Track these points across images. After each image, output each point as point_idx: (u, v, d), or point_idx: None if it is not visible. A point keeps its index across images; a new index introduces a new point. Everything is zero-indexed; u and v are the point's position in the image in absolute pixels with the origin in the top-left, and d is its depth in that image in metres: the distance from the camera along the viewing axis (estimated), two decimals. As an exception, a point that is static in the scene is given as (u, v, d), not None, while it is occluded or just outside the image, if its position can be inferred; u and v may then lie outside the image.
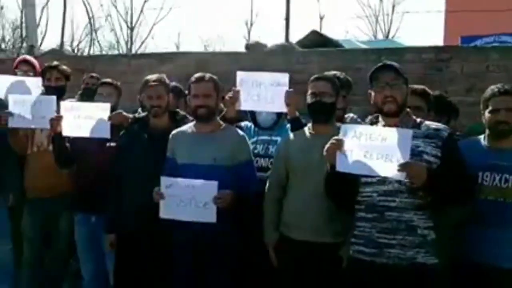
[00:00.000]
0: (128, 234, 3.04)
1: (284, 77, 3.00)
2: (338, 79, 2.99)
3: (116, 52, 22.26)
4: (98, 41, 22.24)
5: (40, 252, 3.63)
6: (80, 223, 3.40)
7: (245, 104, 3.05)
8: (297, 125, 2.93)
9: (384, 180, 2.26)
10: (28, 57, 4.23)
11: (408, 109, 2.40)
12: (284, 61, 4.83)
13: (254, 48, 5.25)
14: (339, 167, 2.26)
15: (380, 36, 23.17)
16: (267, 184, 2.87)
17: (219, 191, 2.68)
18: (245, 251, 2.88)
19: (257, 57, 5.00)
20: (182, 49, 23.99)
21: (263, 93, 2.99)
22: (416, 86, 2.83)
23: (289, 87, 2.98)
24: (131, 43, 24.33)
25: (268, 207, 2.84)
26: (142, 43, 24.87)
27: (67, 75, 3.75)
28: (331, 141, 2.29)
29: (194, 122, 2.94)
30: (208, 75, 2.90)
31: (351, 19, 32.27)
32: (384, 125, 2.34)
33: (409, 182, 2.17)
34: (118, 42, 24.66)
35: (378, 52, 4.71)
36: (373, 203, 2.29)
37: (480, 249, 2.46)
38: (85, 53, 19.33)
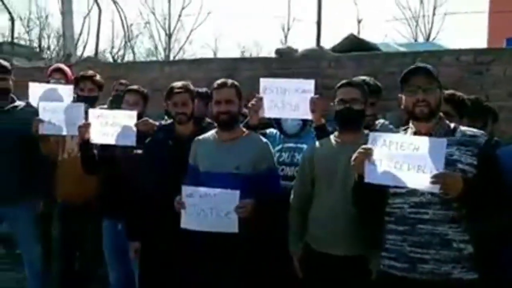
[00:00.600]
0: (152, 241, 3.03)
1: (309, 84, 2.92)
2: (367, 85, 2.87)
3: (154, 59, 22.65)
4: (132, 49, 22.69)
5: (69, 256, 3.69)
6: (107, 230, 3.43)
7: (269, 111, 2.98)
8: (323, 133, 2.84)
9: (414, 192, 2.13)
10: (60, 65, 4.32)
11: (441, 114, 2.26)
12: (315, 66, 4.73)
13: (285, 53, 5.17)
14: (368, 178, 2.13)
15: (420, 39, 22.57)
16: (292, 194, 2.79)
17: (241, 201, 2.61)
18: (268, 260, 2.81)
19: (288, 62, 4.93)
20: (219, 55, 24.25)
21: (288, 100, 2.93)
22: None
23: (315, 93, 2.90)
24: (169, 50, 24.75)
25: (293, 218, 2.76)
26: (180, 49, 25.29)
27: (100, 85, 3.80)
28: (359, 150, 2.17)
29: (216, 129, 2.90)
30: (230, 81, 2.85)
31: (390, 22, 31.56)
32: (415, 131, 2.21)
33: (443, 193, 2.02)
34: (156, 49, 25.19)
35: (414, 55, 4.53)
36: (403, 215, 2.16)
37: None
38: (125, 60, 19.80)
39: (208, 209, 2.67)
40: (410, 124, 2.28)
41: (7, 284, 4.24)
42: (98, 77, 3.79)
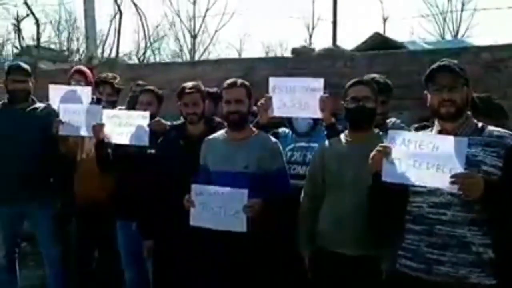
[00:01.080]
0: (165, 240, 3.07)
1: (319, 82, 2.92)
2: (377, 83, 2.85)
3: (179, 60, 22.88)
4: (153, 51, 22.93)
5: (88, 254, 3.76)
6: (121, 230, 3.49)
7: (278, 110, 2.99)
8: (333, 132, 2.83)
9: (435, 191, 2.09)
10: (81, 67, 4.41)
11: (469, 113, 2.20)
12: (331, 65, 4.71)
13: (301, 53, 5.17)
14: (386, 177, 2.10)
15: (448, 36, 22.10)
16: (302, 193, 2.79)
17: (249, 200, 2.63)
18: (279, 259, 2.82)
19: (303, 62, 4.92)
20: (244, 55, 24.29)
21: (297, 98, 2.93)
22: None
23: (325, 92, 2.89)
24: (194, 51, 24.93)
25: (303, 217, 2.76)
26: (205, 50, 25.45)
27: (119, 90, 3.88)
28: (377, 148, 2.14)
29: (226, 129, 2.92)
30: (240, 81, 2.87)
31: (416, 19, 31.03)
32: (440, 130, 2.17)
33: (463, 195, 1.98)
34: (181, 50, 25.42)
35: (431, 54, 4.46)
36: (422, 215, 2.12)
37: None
38: (148, 62, 20.03)
39: (216, 207, 2.69)
40: (436, 122, 2.23)
41: (31, 281, 4.36)
42: (117, 80, 3.86)
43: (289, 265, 2.87)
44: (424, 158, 2.03)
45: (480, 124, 2.18)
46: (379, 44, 6.71)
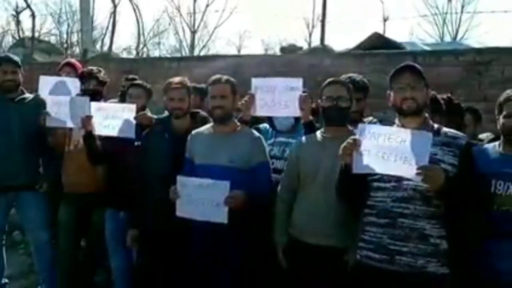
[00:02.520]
0: (150, 230, 3.16)
1: (298, 82, 3.01)
2: (353, 82, 2.96)
3: (178, 55, 22.86)
4: (147, 45, 22.89)
5: (74, 243, 3.83)
6: (109, 219, 3.57)
7: (260, 109, 3.09)
8: (311, 129, 2.93)
9: (398, 187, 2.23)
10: (70, 60, 4.50)
11: (426, 115, 2.34)
12: (318, 64, 4.80)
13: (289, 51, 5.26)
14: (356, 169, 2.22)
15: (447, 38, 22.15)
16: (279, 186, 2.89)
17: (231, 191, 2.72)
18: (256, 251, 2.90)
19: (291, 60, 5.02)
20: (243, 52, 24.27)
21: (278, 98, 3.02)
22: None
23: (304, 91, 2.99)
24: (193, 47, 24.89)
25: (279, 208, 2.86)
26: (204, 46, 25.41)
27: (104, 82, 3.96)
28: (348, 140, 2.26)
29: (212, 123, 3.02)
30: (225, 77, 2.96)
31: (416, 19, 31.01)
32: (402, 127, 2.28)
33: (425, 186, 2.12)
34: (181, 45, 25.37)
35: (414, 55, 4.56)
36: (386, 209, 2.25)
37: (494, 262, 2.35)
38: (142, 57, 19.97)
39: (200, 199, 2.78)
40: (397, 121, 2.36)
41: (20, 267, 4.45)
42: (102, 74, 3.93)
43: (266, 255, 2.96)
44: (392, 150, 2.14)
45: (436, 126, 2.31)
46: (378, 44, 6.76)
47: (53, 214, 3.82)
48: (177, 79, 3.21)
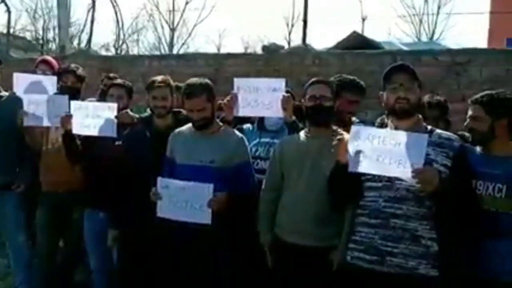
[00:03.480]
0: (130, 230, 3.12)
1: (280, 83, 3.02)
2: (357, 84, 3.04)
3: (157, 53, 22.67)
4: (126, 42, 22.67)
5: (53, 244, 3.76)
6: (88, 218, 3.51)
7: (243, 109, 3.08)
8: (294, 129, 2.94)
9: (390, 186, 2.23)
10: (46, 57, 4.40)
11: (420, 116, 2.35)
12: (300, 63, 4.82)
13: (270, 50, 5.26)
14: (352, 168, 2.21)
15: (424, 38, 22.53)
16: (263, 186, 2.88)
17: (214, 194, 2.70)
18: (242, 251, 2.90)
19: (273, 59, 5.02)
20: (223, 50, 24.21)
21: (260, 98, 3.02)
22: None
23: (287, 92, 3.00)
24: (172, 45, 24.70)
25: (263, 209, 2.85)
26: (183, 44, 25.26)
27: (82, 79, 3.88)
28: (343, 141, 2.27)
29: None
30: (199, 89, 2.84)
31: (393, 19, 31.47)
32: (395, 128, 2.29)
33: (420, 188, 2.11)
34: (160, 43, 25.16)
35: (393, 55, 4.62)
36: (377, 209, 2.25)
37: (476, 261, 2.38)
38: (123, 54, 19.76)
39: (182, 201, 2.76)
40: (389, 122, 2.36)
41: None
42: (80, 70, 3.86)
43: (252, 256, 2.96)
44: (387, 153, 2.14)
45: (429, 127, 2.33)
46: (357, 43, 6.83)
47: (30, 214, 3.75)
48: (160, 77, 3.18)
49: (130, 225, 3.10)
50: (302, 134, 2.82)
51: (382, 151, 2.15)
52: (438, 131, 2.31)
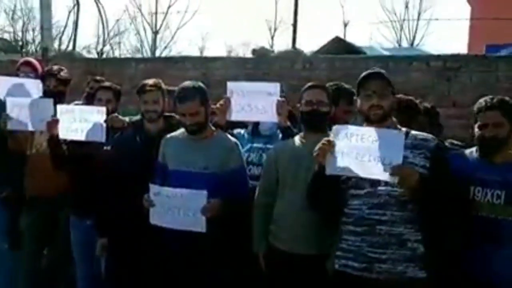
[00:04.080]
0: (120, 238, 3.03)
1: (275, 87, 2.97)
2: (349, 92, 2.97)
3: (139, 56, 22.50)
4: (111, 45, 22.51)
5: (38, 251, 3.66)
6: (75, 226, 3.42)
7: (236, 114, 3.02)
8: (288, 135, 2.89)
9: (373, 193, 2.21)
10: (29, 59, 4.28)
11: (394, 119, 2.34)
12: (290, 67, 4.79)
13: (260, 53, 5.22)
14: (329, 170, 2.20)
15: (405, 43, 22.85)
16: (256, 192, 2.83)
17: (208, 200, 2.64)
18: (237, 258, 2.84)
19: (262, 63, 4.97)
20: (206, 54, 24.18)
21: (254, 103, 2.96)
22: None
23: (282, 96, 2.95)
24: (155, 48, 24.57)
25: (257, 216, 2.80)
26: (166, 47, 25.12)
27: (66, 82, 3.78)
28: (322, 141, 2.24)
29: None
30: (191, 92, 2.76)
31: (375, 24, 31.90)
32: None
33: (400, 190, 2.12)
34: (142, 46, 24.98)
35: (385, 60, 4.62)
36: (362, 217, 2.23)
37: (474, 266, 2.37)
38: (107, 57, 19.60)
39: (175, 208, 2.69)
40: (365, 126, 2.31)
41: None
42: (63, 73, 3.75)
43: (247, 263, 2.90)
44: (365, 150, 2.13)
45: (404, 129, 2.31)
46: (339, 47, 6.87)
47: (14, 220, 3.64)
48: (151, 81, 3.10)
49: (120, 233, 3.01)
50: (297, 139, 2.77)
51: (360, 148, 2.14)
52: (414, 132, 2.30)
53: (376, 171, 2.10)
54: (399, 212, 2.19)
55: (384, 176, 2.08)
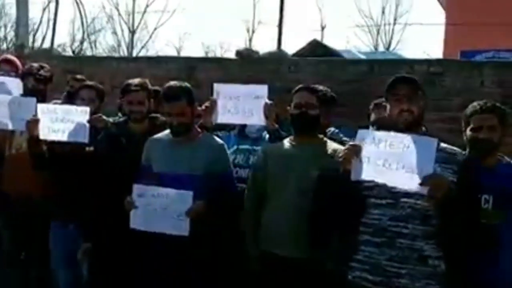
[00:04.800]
0: (104, 241, 2.95)
1: (262, 89, 2.91)
2: (324, 95, 2.95)
3: (116, 55, 22.18)
4: (91, 44, 22.17)
5: (17, 254, 3.56)
6: (56, 229, 3.31)
7: (222, 116, 2.96)
8: (276, 138, 2.86)
9: (395, 205, 2.14)
10: (10, 57, 4.15)
11: (424, 128, 2.27)
12: (275, 69, 4.76)
13: (245, 55, 5.18)
14: (355, 176, 2.08)
15: (381, 47, 23.14)
16: (245, 195, 2.79)
17: (193, 201, 2.59)
18: (223, 261, 2.80)
19: (247, 64, 4.93)
20: (183, 54, 24.00)
21: (241, 105, 2.91)
22: None
23: (270, 98, 2.90)
24: (132, 47, 24.31)
25: (247, 220, 2.76)
26: (143, 47, 24.87)
27: (46, 80, 3.66)
28: (347, 146, 2.15)
29: None
30: (179, 93, 2.72)
31: (352, 29, 32.23)
32: None
33: (429, 193, 1.95)
34: (119, 45, 24.67)
35: (370, 63, 4.63)
36: (382, 228, 2.16)
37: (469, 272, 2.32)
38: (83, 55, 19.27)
39: (160, 209, 2.63)
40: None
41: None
42: (44, 71, 3.64)
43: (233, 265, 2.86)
44: (394, 157, 2.02)
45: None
46: (317, 51, 6.90)
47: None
48: (136, 80, 3.03)
49: (105, 236, 2.93)
50: (286, 142, 2.74)
51: (389, 155, 2.03)
52: (443, 145, 2.21)
53: (404, 180, 1.98)
54: (422, 227, 2.12)
55: (413, 186, 1.96)
